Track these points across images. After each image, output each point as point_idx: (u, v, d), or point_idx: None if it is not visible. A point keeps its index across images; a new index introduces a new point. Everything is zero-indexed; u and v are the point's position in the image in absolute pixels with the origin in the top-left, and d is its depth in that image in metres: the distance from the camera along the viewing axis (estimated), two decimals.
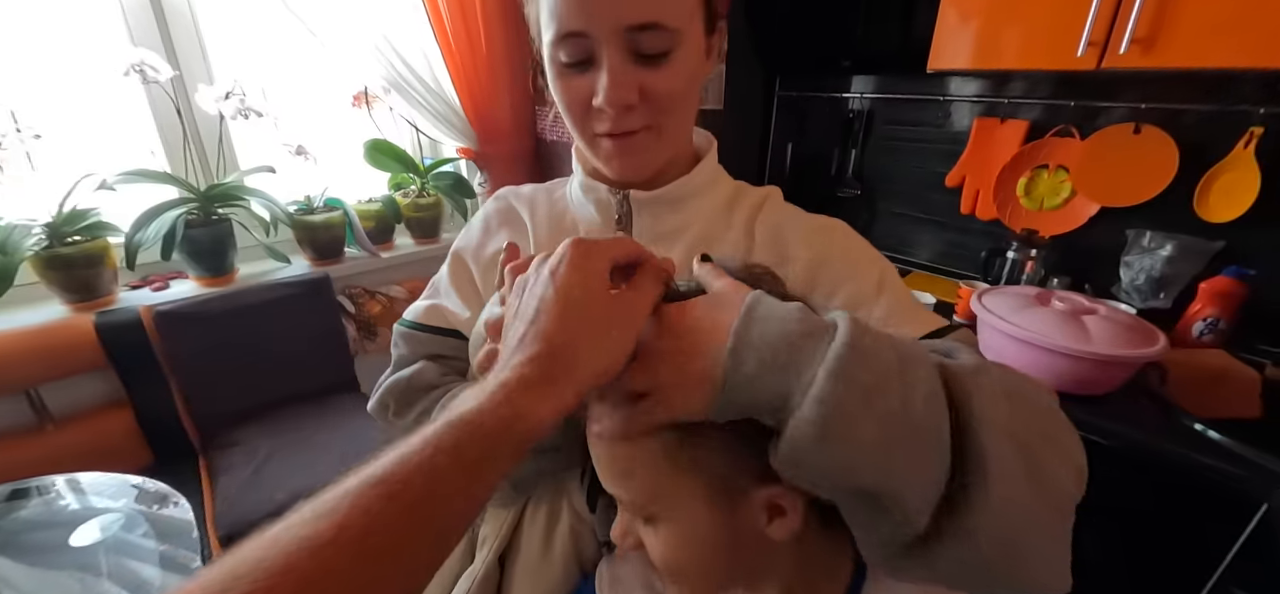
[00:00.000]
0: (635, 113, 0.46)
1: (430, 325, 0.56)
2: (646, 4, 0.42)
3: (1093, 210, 1.27)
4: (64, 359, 1.12)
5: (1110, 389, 0.96)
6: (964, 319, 1.22)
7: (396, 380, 0.54)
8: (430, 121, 1.50)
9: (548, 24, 0.44)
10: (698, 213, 0.54)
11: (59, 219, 1.12)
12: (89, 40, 1.17)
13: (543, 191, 0.60)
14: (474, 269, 0.57)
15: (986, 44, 1.12)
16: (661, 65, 0.44)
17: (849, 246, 0.53)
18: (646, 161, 0.50)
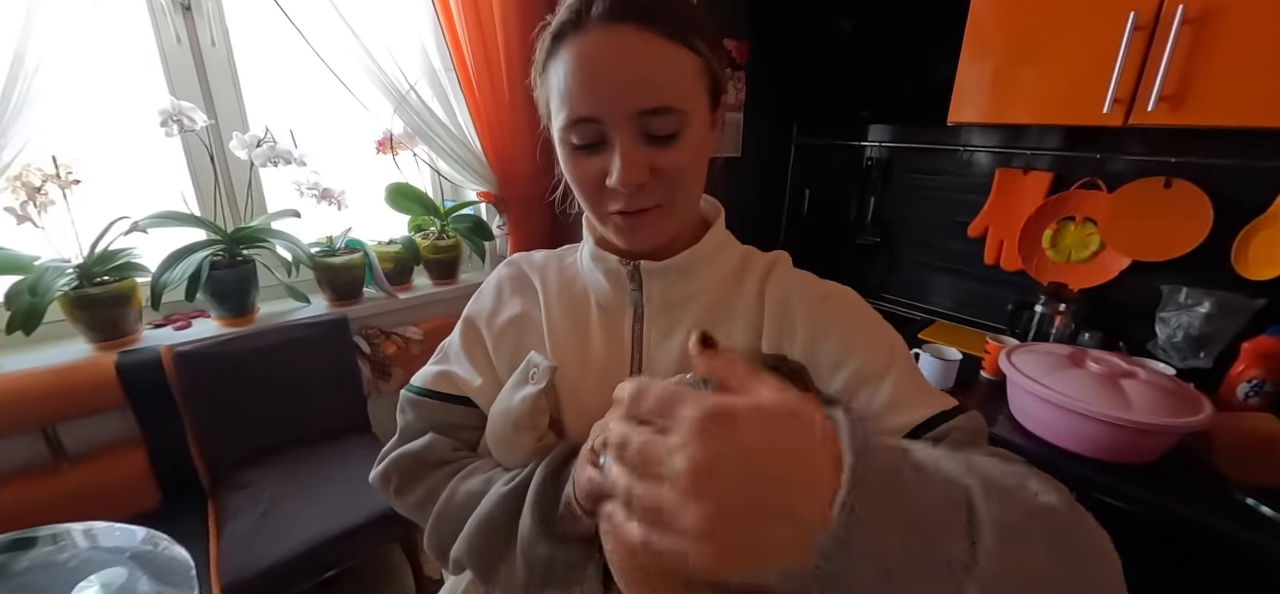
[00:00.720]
0: (647, 191, 0.46)
1: (440, 392, 0.55)
2: (656, 91, 0.43)
3: (1123, 264, 1.23)
4: (84, 398, 1.13)
5: (1151, 458, 0.90)
6: (992, 375, 1.18)
7: (404, 453, 0.53)
8: (452, 166, 1.52)
9: (559, 109, 0.46)
10: (708, 280, 0.54)
11: (90, 260, 1.15)
12: (131, 88, 1.23)
13: (554, 258, 0.61)
14: (486, 336, 0.56)
15: (1007, 97, 1.12)
16: (671, 145, 0.45)
17: (856, 319, 0.52)
18: (656, 234, 0.50)
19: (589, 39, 0.44)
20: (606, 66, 0.43)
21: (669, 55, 0.44)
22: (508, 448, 0.51)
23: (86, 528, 0.98)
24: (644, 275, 0.53)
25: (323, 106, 1.47)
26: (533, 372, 0.50)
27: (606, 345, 0.53)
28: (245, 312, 1.34)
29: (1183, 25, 0.88)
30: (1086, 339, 1.24)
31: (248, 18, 1.30)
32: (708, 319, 0.53)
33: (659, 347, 0.52)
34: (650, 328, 0.53)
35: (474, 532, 0.48)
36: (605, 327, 0.54)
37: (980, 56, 1.14)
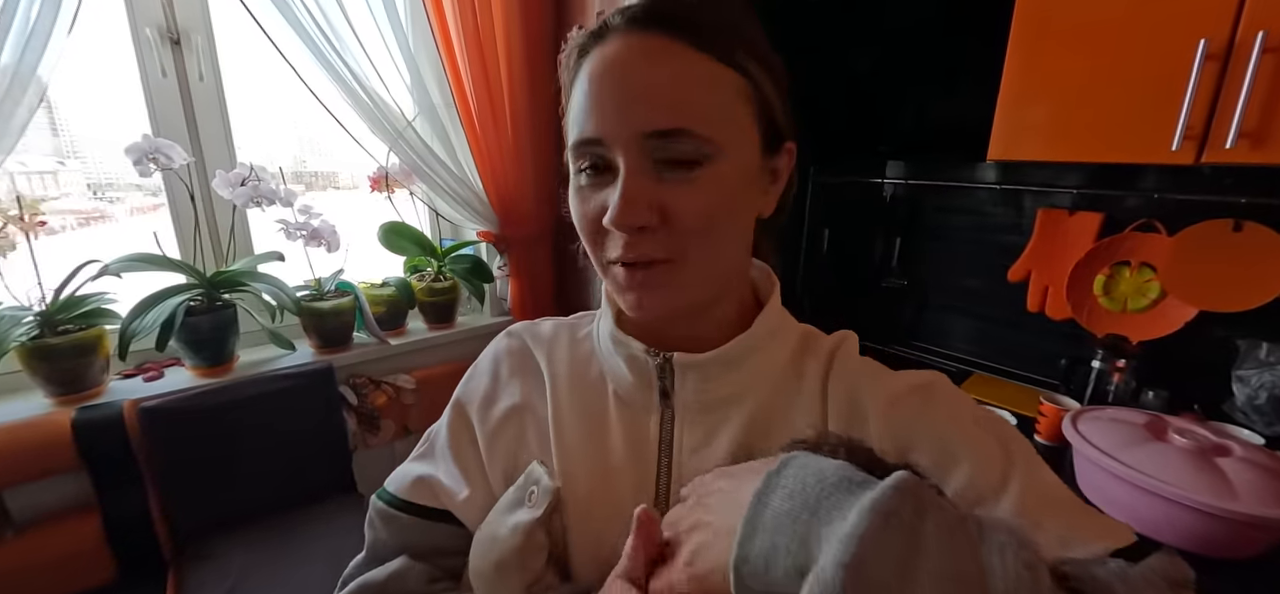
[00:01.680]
0: (651, 238, 0.36)
1: (417, 504, 0.45)
2: (670, 109, 0.34)
3: (1189, 314, 1.11)
4: (34, 461, 1.02)
5: (1256, 552, 0.76)
6: (1049, 441, 1.05)
7: (367, 583, 0.43)
8: (451, 205, 1.44)
9: (570, 128, 0.39)
10: (758, 375, 0.42)
11: (53, 307, 1.06)
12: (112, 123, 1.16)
13: (566, 331, 0.50)
14: (478, 429, 0.46)
15: (1062, 131, 1.01)
16: (688, 181, 0.35)
17: (950, 415, 0.39)
18: (663, 301, 0.39)
19: (608, 47, 0.36)
20: (616, 78, 0.35)
21: (698, 69, 0.35)
22: (491, 591, 0.40)
23: None
24: (676, 370, 0.42)
25: (315, 143, 1.40)
26: (532, 491, 0.41)
27: (627, 453, 0.43)
28: (222, 360, 1.24)
29: (1264, 54, 0.78)
30: (1151, 399, 1.11)
31: (239, 52, 1.24)
32: (759, 425, 0.41)
33: (693, 457, 0.41)
34: (683, 432, 0.42)
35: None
36: (626, 427, 0.43)
37: (1025, 89, 1.04)
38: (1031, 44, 1.02)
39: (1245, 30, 0.80)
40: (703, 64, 0.35)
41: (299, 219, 1.25)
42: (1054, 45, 0.99)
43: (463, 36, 1.29)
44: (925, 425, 0.38)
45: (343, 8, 1.18)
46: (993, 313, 1.42)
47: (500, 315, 1.67)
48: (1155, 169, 1.12)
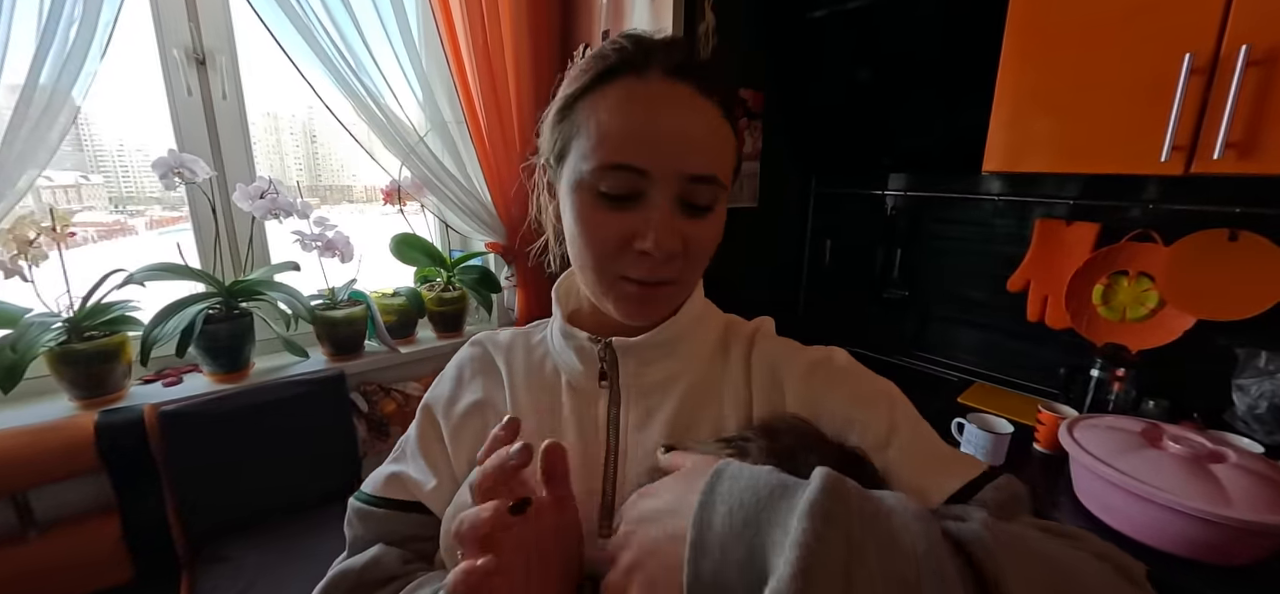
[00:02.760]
0: (672, 263, 0.43)
1: (388, 499, 0.49)
2: (707, 158, 0.41)
3: (1187, 324, 1.11)
4: (59, 462, 1.06)
5: (1252, 559, 0.76)
6: (1047, 449, 1.05)
7: (344, 572, 0.46)
8: (460, 217, 1.48)
9: (592, 150, 0.41)
10: (690, 356, 0.49)
11: (80, 314, 1.11)
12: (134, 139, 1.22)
13: (521, 337, 0.56)
14: (444, 426, 0.51)
15: (1053, 144, 1.03)
16: (704, 218, 0.43)
17: (848, 385, 0.47)
18: (662, 312, 0.47)
19: (651, 86, 0.41)
20: (667, 119, 0.40)
21: (719, 127, 0.42)
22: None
23: None
24: (618, 353, 0.48)
25: (328, 159, 1.46)
26: None
27: (579, 434, 0.48)
28: (239, 367, 1.28)
29: (1248, 67, 0.81)
30: (1151, 408, 1.11)
31: (260, 70, 1.30)
32: (692, 401, 0.47)
33: (636, 434, 0.47)
34: (628, 413, 0.48)
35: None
36: (578, 412, 0.49)
37: (1016, 102, 1.07)
38: (1023, 59, 1.05)
39: (1229, 44, 0.83)
40: (721, 123, 0.42)
41: (314, 231, 1.30)
42: (1044, 60, 1.02)
43: (473, 55, 1.34)
44: (828, 394, 0.46)
45: (360, 29, 1.24)
46: (993, 323, 1.44)
47: (507, 325, 1.70)
48: (1151, 180, 1.14)
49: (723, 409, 0.47)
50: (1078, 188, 1.25)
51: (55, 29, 0.96)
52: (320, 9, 1.19)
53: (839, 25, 1.48)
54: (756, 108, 1.55)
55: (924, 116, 1.43)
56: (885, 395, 0.46)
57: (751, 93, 1.53)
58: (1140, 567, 0.34)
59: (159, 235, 1.44)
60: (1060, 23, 0.99)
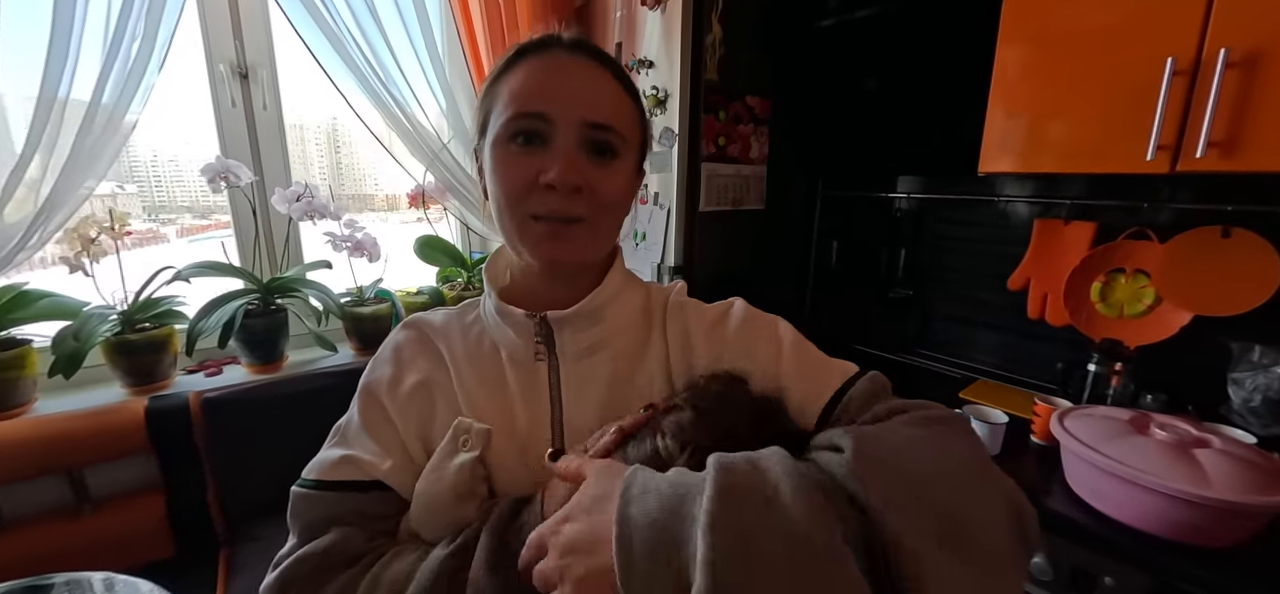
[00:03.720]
0: (579, 199, 0.47)
1: (343, 481, 0.48)
2: (606, 110, 0.48)
3: (1184, 319, 1.14)
4: (112, 443, 1.15)
5: (1237, 541, 0.79)
6: (1043, 440, 1.08)
7: (306, 554, 0.44)
8: (480, 220, 1.56)
9: (505, 108, 0.48)
10: (616, 323, 0.55)
11: (133, 307, 1.20)
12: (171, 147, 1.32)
13: (455, 316, 0.58)
14: (390, 408, 0.52)
15: (1041, 146, 1.08)
16: (609, 165, 0.49)
17: (742, 330, 0.54)
18: (577, 251, 0.50)
19: (553, 56, 0.48)
20: (565, 77, 0.48)
21: (618, 94, 0.50)
22: (447, 523, 0.46)
23: (104, 578, 0.97)
24: (553, 326, 0.52)
25: (350, 167, 1.55)
26: (465, 438, 0.48)
27: (525, 403, 0.52)
28: (274, 359, 1.37)
29: (1227, 69, 0.84)
30: (1149, 401, 1.13)
31: (286, 83, 1.40)
32: (623, 363, 0.53)
33: (577, 397, 0.52)
34: (567, 379, 0.53)
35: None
36: (520, 383, 0.53)
37: (1009, 105, 1.11)
38: (1014, 67, 1.10)
39: (1210, 48, 0.86)
40: (620, 92, 0.50)
41: (344, 232, 1.39)
42: (1035, 67, 1.07)
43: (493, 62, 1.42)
44: (728, 341, 0.54)
45: (388, 42, 1.33)
46: (995, 321, 1.47)
47: None
48: (1146, 179, 1.17)
49: (650, 369, 0.54)
50: (1075, 188, 1.28)
51: (119, 47, 1.06)
52: (352, 23, 1.28)
53: (846, 34, 1.53)
54: (763, 114, 1.61)
55: (925, 122, 1.47)
56: (770, 326, 0.54)
57: (759, 100, 1.59)
58: (960, 418, 0.45)
59: (189, 243, 1.53)
60: (1049, 30, 1.04)
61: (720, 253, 1.51)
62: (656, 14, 1.35)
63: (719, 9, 1.37)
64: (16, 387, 1.12)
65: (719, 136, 1.45)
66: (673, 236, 1.41)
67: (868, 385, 0.49)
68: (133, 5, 1.05)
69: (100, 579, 0.95)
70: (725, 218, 1.51)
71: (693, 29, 1.34)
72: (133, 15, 1.06)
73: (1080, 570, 0.86)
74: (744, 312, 0.56)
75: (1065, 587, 0.88)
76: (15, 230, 1.05)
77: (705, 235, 1.47)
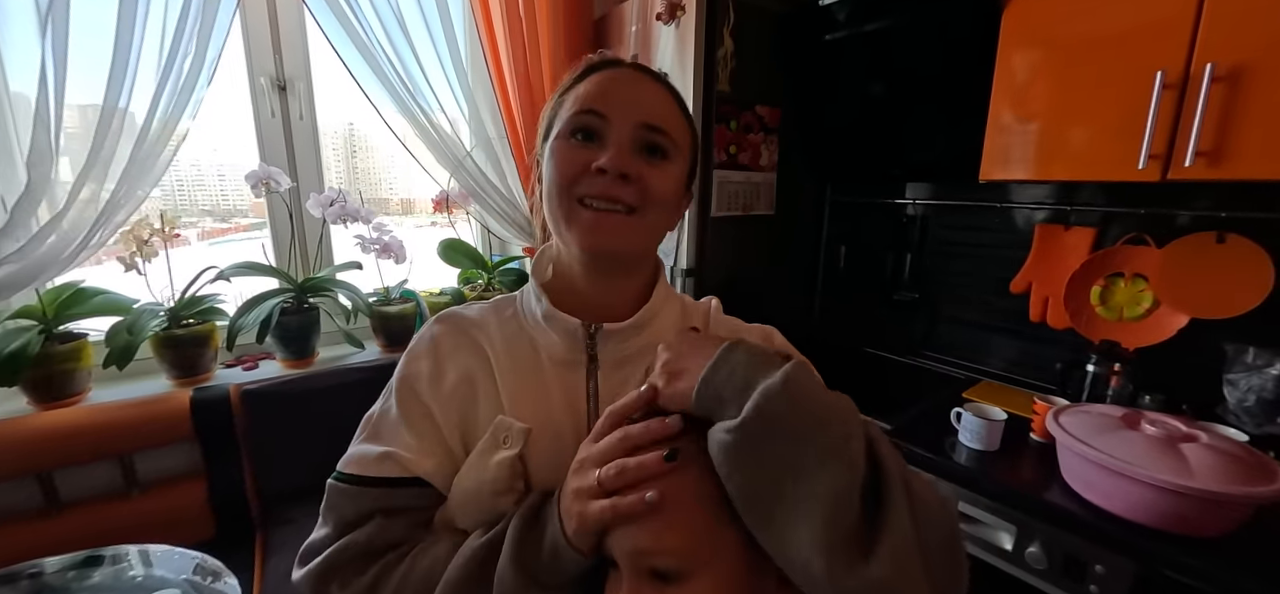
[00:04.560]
0: (629, 187, 0.50)
1: (384, 478, 0.49)
2: (660, 116, 0.52)
3: (1181, 322, 1.18)
4: (160, 430, 1.23)
5: (1223, 531, 0.83)
6: (1042, 438, 1.13)
7: (348, 544, 0.47)
8: (501, 224, 1.64)
9: (569, 109, 0.52)
10: (656, 334, 0.56)
11: (180, 304, 1.29)
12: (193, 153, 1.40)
13: (491, 311, 0.58)
14: (431, 404, 0.52)
15: (1040, 153, 1.12)
16: (659, 164, 0.52)
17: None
18: (619, 239, 0.51)
19: (617, 71, 0.54)
20: (626, 86, 0.53)
21: (672, 105, 0.54)
22: (484, 517, 0.49)
23: (146, 551, 1.05)
24: (602, 337, 0.54)
25: (370, 172, 1.63)
26: (506, 436, 0.50)
27: (565, 402, 0.53)
28: (306, 355, 1.45)
29: (1213, 82, 0.89)
30: (1147, 401, 1.17)
31: (339, 90, 1.48)
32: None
33: (611, 401, 0.52)
34: (604, 383, 0.54)
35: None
36: (559, 384, 0.54)
37: (1009, 114, 1.16)
38: (1013, 78, 1.15)
39: (1197, 63, 0.91)
40: (676, 109, 0.55)
41: (373, 235, 1.46)
42: (1033, 78, 1.12)
43: (515, 76, 1.50)
44: None
45: (416, 54, 1.41)
46: (998, 324, 1.51)
47: None
48: (1144, 187, 1.21)
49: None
50: (1075, 194, 1.32)
51: (173, 63, 1.14)
52: (382, 36, 1.36)
53: (854, 46, 1.57)
54: (773, 123, 1.67)
55: (930, 130, 1.52)
56: None
57: (769, 109, 1.64)
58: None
59: (209, 246, 1.60)
60: (1046, 43, 1.09)
61: (731, 256, 1.57)
62: (670, 28, 1.41)
63: (731, 23, 1.43)
64: (73, 376, 1.21)
65: (730, 145, 1.51)
66: (685, 241, 1.47)
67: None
68: (186, 24, 1.13)
69: (137, 551, 1.03)
70: (736, 223, 1.56)
71: (705, 42, 1.40)
72: (186, 34, 1.14)
73: (1073, 559, 0.90)
74: (784, 346, 0.59)
75: (1059, 575, 0.92)
76: (78, 232, 1.13)
77: (717, 239, 1.52)
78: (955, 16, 1.33)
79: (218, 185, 1.61)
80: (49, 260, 1.11)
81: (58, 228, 1.10)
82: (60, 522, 1.16)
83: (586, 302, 0.55)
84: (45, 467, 1.16)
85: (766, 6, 1.52)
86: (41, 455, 1.14)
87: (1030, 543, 0.95)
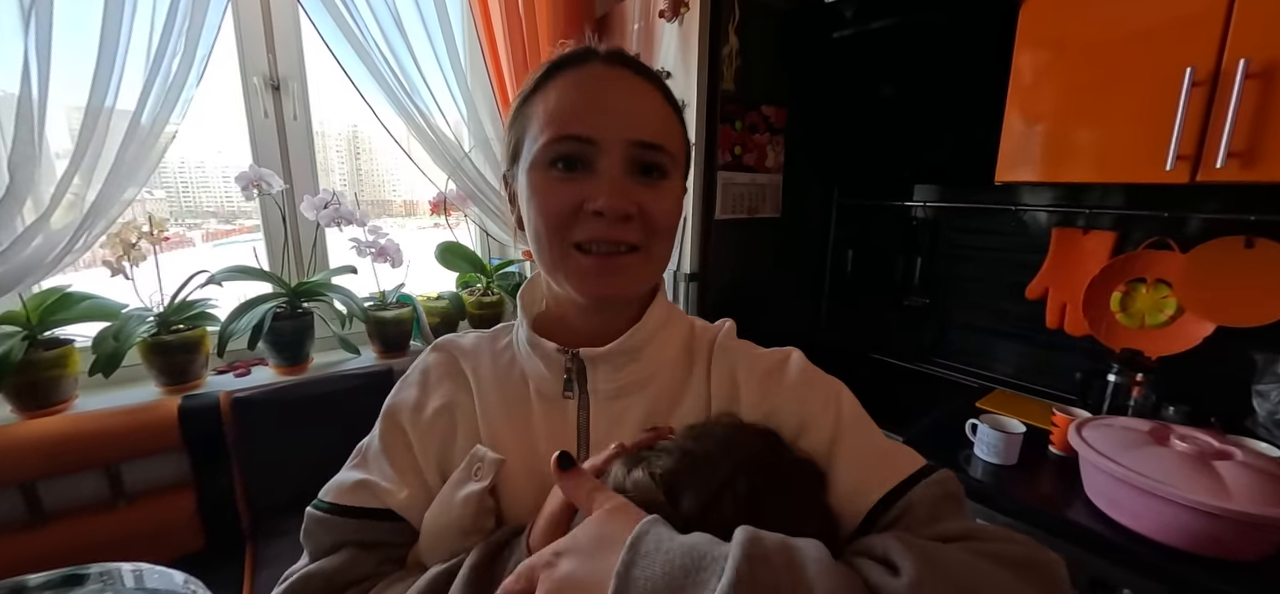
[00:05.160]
0: (630, 226, 0.44)
1: (357, 507, 0.47)
2: (653, 127, 0.44)
3: (1207, 330, 1.13)
4: (147, 439, 1.20)
5: (1261, 555, 0.78)
6: (1062, 451, 1.08)
7: (314, 573, 0.44)
8: (499, 227, 1.60)
9: (542, 130, 0.44)
10: (657, 362, 0.50)
11: (169, 309, 1.25)
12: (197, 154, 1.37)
13: (486, 341, 0.55)
14: (410, 433, 0.50)
15: (1060, 155, 1.08)
16: (659, 184, 0.45)
17: (800, 386, 0.49)
18: (629, 284, 0.46)
19: (590, 69, 0.44)
20: (606, 93, 0.44)
21: (664, 108, 0.46)
22: (451, 555, 0.44)
23: (134, 569, 1.01)
24: (586, 363, 0.48)
25: (372, 173, 1.59)
26: (477, 468, 0.46)
27: (549, 439, 0.48)
28: (299, 361, 1.41)
29: (1246, 80, 0.84)
30: (1171, 413, 1.12)
31: (321, 91, 1.45)
32: (658, 406, 0.49)
33: (606, 439, 0.47)
34: (597, 419, 0.49)
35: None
36: (547, 417, 0.49)
37: (1026, 114, 1.12)
38: (1031, 75, 1.10)
39: (1229, 58, 0.86)
40: (665, 106, 0.46)
41: (368, 238, 1.43)
42: (1052, 75, 1.07)
43: (514, 74, 1.46)
44: (781, 399, 0.48)
45: (413, 54, 1.37)
46: (1013, 330, 1.46)
47: None
48: (1167, 188, 1.16)
49: (687, 412, 0.49)
50: (1095, 197, 1.27)
51: (160, 62, 1.11)
52: (378, 35, 1.33)
53: (862, 44, 1.54)
54: (779, 124, 1.63)
55: (940, 130, 1.47)
56: (833, 397, 0.47)
57: (774, 109, 1.60)
58: (1046, 561, 0.35)
59: (214, 247, 1.58)
60: (1067, 39, 1.05)
61: (736, 260, 1.53)
62: (674, 26, 1.37)
63: (736, 21, 1.39)
64: (59, 384, 1.18)
65: (735, 145, 1.47)
66: (689, 244, 1.43)
67: (936, 490, 0.42)
68: (175, 22, 1.10)
69: (129, 570, 0.99)
70: (741, 226, 1.52)
71: (710, 40, 1.36)
72: (174, 32, 1.11)
73: (1099, 581, 0.86)
74: (803, 367, 0.50)
75: None
76: (62, 235, 1.10)
77: (721, 242, 1.48)
78: (967, 13, 1.28)
79: (222, 187, 1.58)
80: (34, 263, 1.08)
81: (43, 230, 1.07)
82: (44, 534, 1.13)
83: (578, 334, 0.50)
84: (29, 477, 1.12)
85: (772, 3, 1.48)
86: (25, 465, 1.11)
87: None
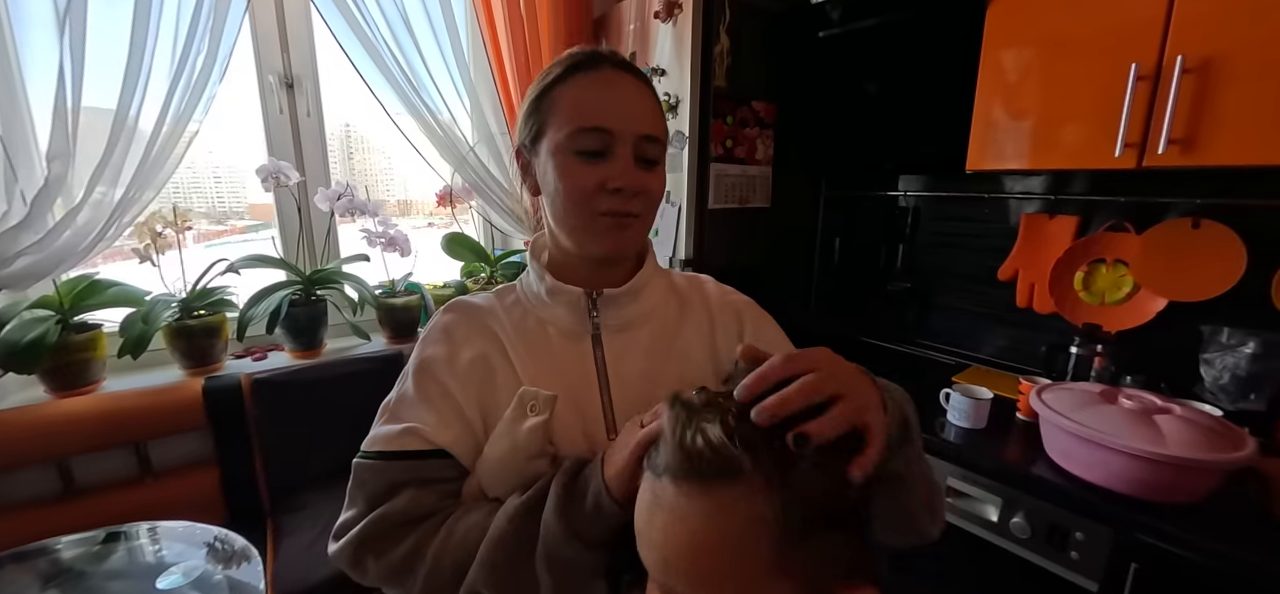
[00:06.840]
0: (638, 199, 0.56)
1: (408, 451, 0.51)
2: (654, 123, 0.57)
3: (1160, 305, 1.22)
4: (173, 419, 1.27)
5: (1195, 498, 0.87)
6: (1027, 417, 1.17)
7: (383, 515, 0.49)
8: (503, 218, 1.67)
9: (568, 121, 0.54)
10: (652, 301, 0.62)
11: (192, 295, 1.32)
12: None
13: (494, 299, 0.62)
14: (449, 382, 0.55)
15: (1022, 144, 1.17)
16: (654, 170, 0.57)
17: (771, 326, 0.67)
18: (633, 241, 0.58)
19: (606, 73, 0.55)
20: (622, 93, 0.55)
21: (659, 110, 0.59)
22: (517, 483, 0.51)
23: (167, 526, 1.09)
24: (603, 303, 0.59)
25: (367, 171, 1.66)
26: (533, 404, 0.52)
27: (578, 372, 0.57)
28: (314, 346, 1.48)
29: (1184, 74, 0.94)
30: (1128, 382, 1.22)
31: (338, 92, 1.52)
32: (660, 334, 0.61)
33: (619, 364, 0.58)
34: (609, 349, 0.59)
35: (490, 551, 0.47)
36: (569, 356, 0.58)
37: (993, 107, 1.21)
38: (997, 73, 1.19)
39: (1169, 55, 0.96)
40: (658, 106, 0.59)
41: (379, 229, 1.50)
42: (1015, 72, 1.16)
43: (516, 71, 1.54)
44: (768, 333, 0.65)
45: (422, 53, 1.45)
46: (987, 310, 1.55)
47: None
48: (1126, 174, 1.26)
49: (688, 339, 0.61)
50: (1059, 184, 1.37)
51: (186, 59, 1.18)
52: (388, 34, 1.40)
53: (847, 43, 1.62)
54: (769, 118, 1.71)
55: (920, 124, 1.56)
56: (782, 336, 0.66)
57: (764, 104, 1.69)
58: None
59: (206, 249, 1.58)
60: (1027, 39, 1.14)
61: (728, 248, 1.61)
62: (668, 26, 1.45)
63: (727, 21, 1.47)
64: (88, 366, 1.24)
65: (727, 139, 1.55)
66: (684, 232, 1.51)
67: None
68: (200, 21, 1.17)
69: (162, 527, 1.07)
70: (733, 215, 1.61)
71: (702, 40, 1.44)
72: (199, 31, 1.18)
73: (1056, 527, 0.95)
74: (763, 314, 0.68)
75: (1042, 543, 0.97)
76: (92, 227, 1.16)
77: (714, 231, 1.56)
78: (942, 14, 1.37)
79: (214, 188, 1.63)
80: (66, 252, 1.15)
81: (73, 222, 1.14)
82: (77, 506, 1.19)
83: (584, 281, 0.60)
84: (62, 453, 1.19)
85: (762, 5, 1.56)
86: (59, 442, 1.18)
87: (1015, 514, 0.99)
